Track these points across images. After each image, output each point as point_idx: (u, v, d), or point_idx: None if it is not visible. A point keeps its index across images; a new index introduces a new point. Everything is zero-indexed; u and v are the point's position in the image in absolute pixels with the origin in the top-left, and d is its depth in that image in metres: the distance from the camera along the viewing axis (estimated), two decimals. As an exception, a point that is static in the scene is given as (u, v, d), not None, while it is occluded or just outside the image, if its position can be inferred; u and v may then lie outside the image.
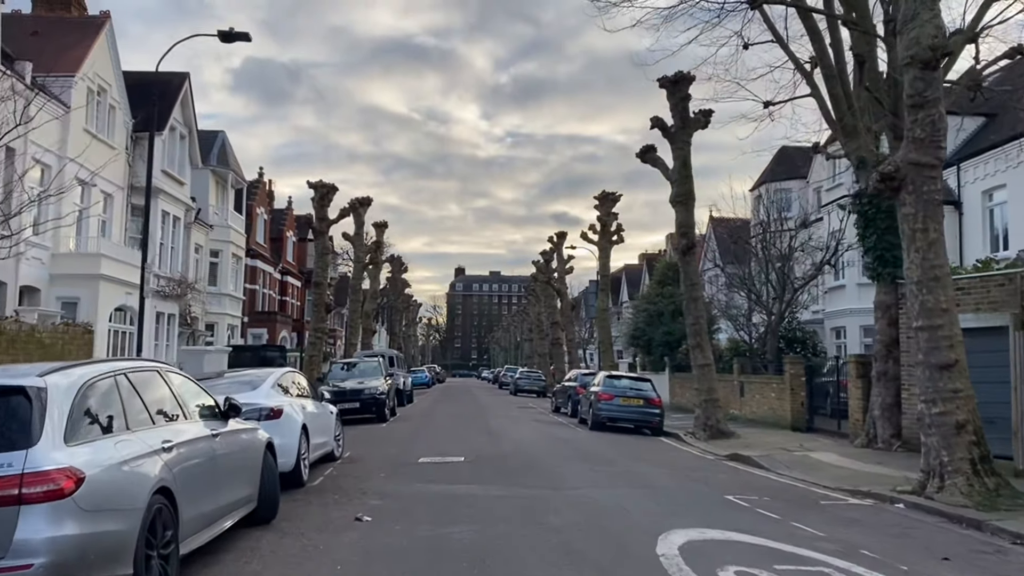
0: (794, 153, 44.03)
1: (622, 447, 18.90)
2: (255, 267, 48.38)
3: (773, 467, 15.84)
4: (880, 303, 17.81)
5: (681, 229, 22.36)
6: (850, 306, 33.37)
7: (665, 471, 14.33)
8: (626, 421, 23.31)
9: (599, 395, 23.39)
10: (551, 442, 19.09)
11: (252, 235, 47.85)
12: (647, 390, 23.70)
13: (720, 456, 17.94)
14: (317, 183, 29.51)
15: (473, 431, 21.44)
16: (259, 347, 35.55)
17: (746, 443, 20.27)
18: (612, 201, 37.10)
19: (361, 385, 25.13)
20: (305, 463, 12.10)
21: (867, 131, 18.52)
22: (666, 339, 35.76)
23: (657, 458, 16.90)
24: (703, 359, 21.97)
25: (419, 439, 19.10)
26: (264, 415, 11.21)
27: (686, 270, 22.34)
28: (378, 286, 48.07)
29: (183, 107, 34.25)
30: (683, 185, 22.41)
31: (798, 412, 22.75)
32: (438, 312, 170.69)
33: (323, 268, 29.63)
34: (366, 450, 16.48)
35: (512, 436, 20.07)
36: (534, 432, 21.90)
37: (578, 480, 12.47)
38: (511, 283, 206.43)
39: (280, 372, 12.85)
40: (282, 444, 11.15)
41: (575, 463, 14.83)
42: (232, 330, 43.52)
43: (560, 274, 47.96)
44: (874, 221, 17.71)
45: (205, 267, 39.58)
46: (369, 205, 40.06)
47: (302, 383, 13.73)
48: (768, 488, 12.65)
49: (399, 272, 63.23)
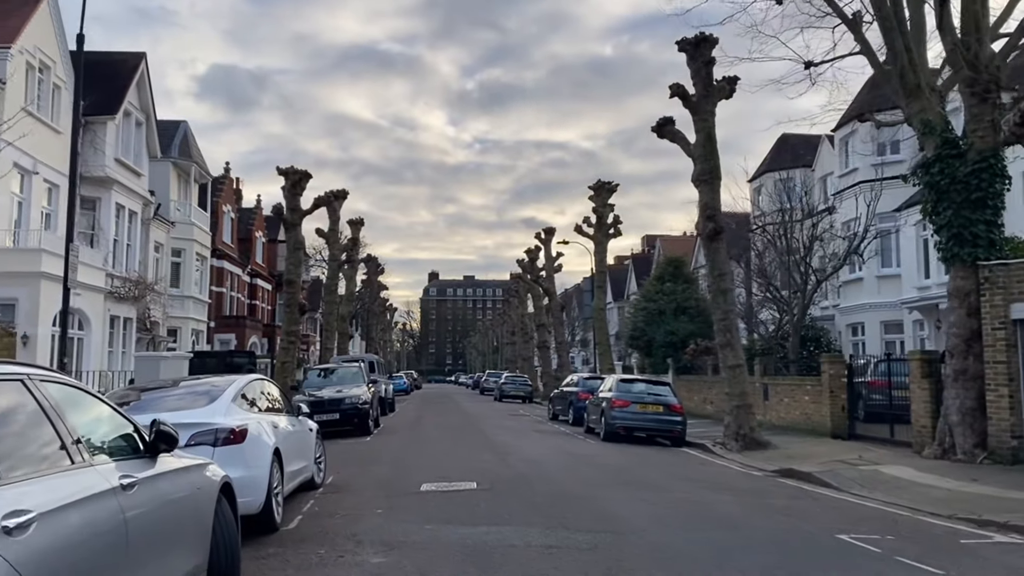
0: (796, 141, 41.67)
1: (654, 464, 16.12)
2: (222, 268, 45.15)
3: (844, 486, 13.15)
4: (957, 290, 15.17)
5: (707, 211, 19.65)
6: (870, 300, 30.94)
7: (729, 497, 11.55)
8: (644, 431, 20.56)
9: (613, 402, 20.62)
10: (569, 459, 16.24)
11: (218, 234, 44.60)
12: (667, 395, 20.98)
13: (769, 472, 15.23)
14: (288, 169, 26.43)
15: (473, 446, 18.56)
16: (225, 353, 32.39)
17: (789, 455, 17.59)
18: (608, 191, 34.31)
19: (341, 394, 22.16)
20: (278, 500, 9.19)
21: (931, 90, 15.93)
22: (669, 339, 33.09)
23: (702, 477, 14.13)
24: (734, 359, 19.26)
25: (413, 457, 16.18)
26: (221, 439, 8.28)
27: (714, 258, 19.63)
28: (354, 288, 44.99)
29: (139, 90, 31.08)
30: (708, 161, 19.72)
31: (838, 417, 20.10)
32: (411, 318, 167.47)
33: (295, 264, 26.56)
34: (353, 473, 13.56)
35: (521, 452, 17.19)
36: (543, 446, 19.05)
37: (637, 517, 9.63)
38: (486, 287, 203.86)
39: (244, 380, 9.89)
40: (247, 478, 8.27)
41: (616, 489, 12.00)
42: (197, 336, 40.31)
43: (548, 272, 45.06)
44: (948, 194, 15.06)
45: (166, 267, 36.38)
46: (344, 199, 37.01)
47: (273, 394, 10.79)
48: (872, 520, 9.91)
49: (375, 274, 60.03)
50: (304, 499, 10.85)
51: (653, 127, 20.82)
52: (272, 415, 10.03)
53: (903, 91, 15.97)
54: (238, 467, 8.24)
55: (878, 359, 20.82)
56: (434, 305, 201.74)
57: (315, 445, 12.06)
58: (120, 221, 29.99)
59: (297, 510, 10.03)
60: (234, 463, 8.21)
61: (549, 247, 44.75)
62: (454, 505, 10.32)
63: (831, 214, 27.06)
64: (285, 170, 26.36)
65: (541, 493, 11.27)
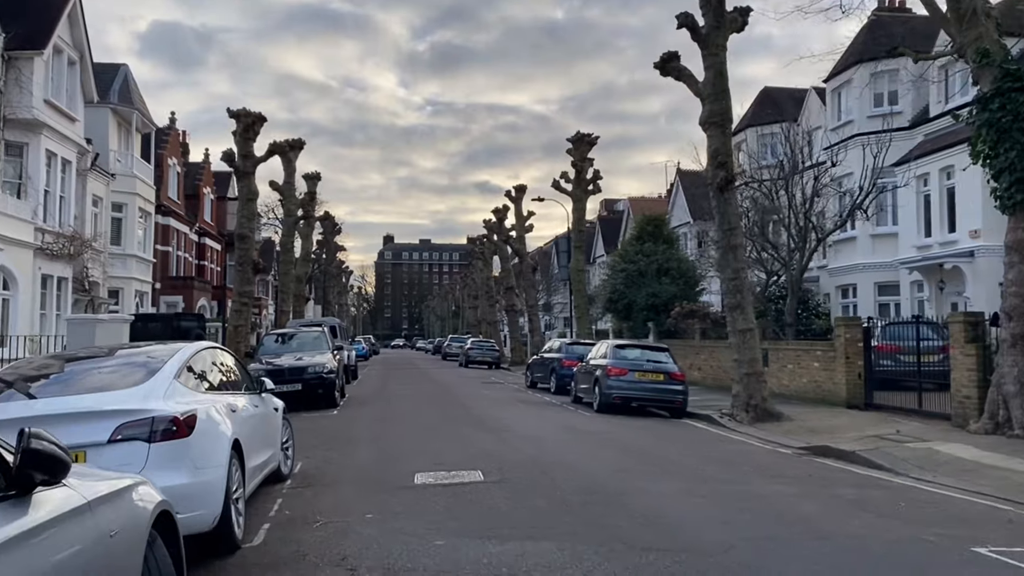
0: (779, 95, 39.84)
1: (670, 440, 14.14)
2: (168, 226, 42.07)
3: (901, 469, 11.29)
4: (1018, 243, 13.31)
5: (718, 158, 17.54)
6: (863, 260, 29.30)
7: (788, 488, 9.57)
8: (643, 401, 18.59)
9: (609, 369, 18.59)
10: (575, 437, 14.16)
11: (163, 189, 41.49)
12: (667, 362, 19.01)
13: (798, 450, 13.34)
14: (240, 111, 23.67)
15: (459, 420, 16.40)
16: (172, 316, 29.74)
17: (809, 428, 15.76)
18: (588, 144, 31.99)
19: (302, 362, 19.80)
20: (239, 507, 6.96)
21: (987, 16, 13.94)
22: (651, 302, 31.15)
23: (731, 457, 12.15)
24: (744, 322, 17.29)
25: (394, 435, 13.98)
26: (159, 432, 5.97)
27: (724, 210, 17.58)
28: (310, 247, 42.25)
29: (72, 25, 27.89)
30: (718, 101, 17.59)
31: (854, 385, 18.32)
32: (366, 282, 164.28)
33: (248, 217, 23.93)
34: (326, 458, 11.33)
35: (516, 428, 15.08)
36: (537, 420, 16.96)
37: (703, 522, 7.57)
38: (443, 251, 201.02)
39: (193, 349, 7.53)
40: (197, 485, 6.06)
41: (650, 478, 9.94)
42: (141, 298, 37.44)
43: (518, 232, 42.69)
44: (1010, 133, 13.14)
45: (106, 223, 33.41)
46: (301, 149, 34.21)
47: (229, 366, 8.46)
48: (985, 521, 7.99)
49: (332, 234, 57.13)
50: (270, 496, 8.63)
51: (656, 63, 18.61)
52: (229, 394, 7.74)
53: (955, 17, 13.96)
54: (184, 471, 6.01)
55: (887, 322, 19.07)
56: (389, 269, 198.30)
57: (282, 428, 9.80)
58: (52, 170, 26.99)
59: (262, 514, 7.80)
60: (178, 465, 5.97)
61: (520, 205, 42.40)
62: (464, 505, 8.17)
63: (834, 166, 25.14)
64: (236, 112, 23.62)
65: (566, 486, 9.16)
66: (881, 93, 29.42)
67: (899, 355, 18.54)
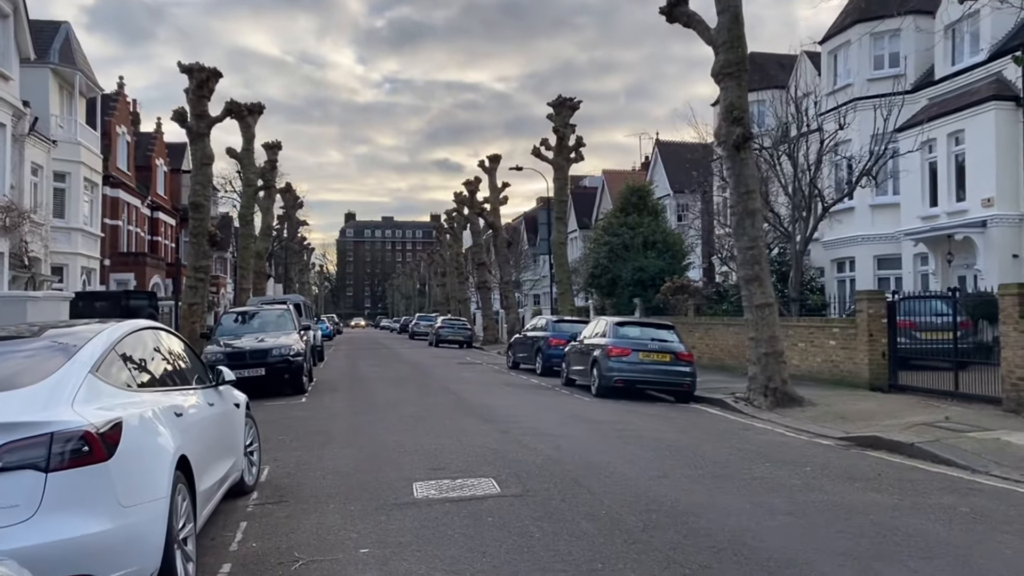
0: (765, 61, 38.14)
1: (697, 432, 12.32)
2: (117, 198, 39.37)
3: (976, 465, 9.62)
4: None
5: (734, 112, 15.69)
6: (861, 232, 27.77)
7: (878, 497, 7.80)
8: (647, 384, 16.80)
9: (609, 349, 16.75)
10: (589, 429, 12.25)
11: (112, 159, 38.75)
12: (673, 341, 17.21)
13: (840, 440, 11.65)
14: (193, 65, 21.22)
15: (448, 409, 14.45)
16: (120, 293, 27.34)
17: (838, 414, 14.08)
18: (571, 109, 29.95)
19: (265, 344, 17.70)
20: (188, 550, 4.99)
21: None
22: (637, 276, 29.36)
23: (774, 452, 10.37)
24: (763, 296, 15.53)
25: (376, 428, 12.00)
26: (64, 456, 3.96)
27: (740, 172, 15.74)
28: (271, 220, 39.81)
29: (2, -28, 25.23)
30: (733, 49, 15.72)
31: (878, 366, 16.70)
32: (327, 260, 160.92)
33: (203, 184, 21.57)
34: (299, 461, 9.35)
35: (517, 419, 13.15)
36: (535, 408, 15.06)
37: (828, 561, 5.74)
38: (406, 228, 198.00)
39: (121, 331, 5.45)
40: (122, 531, 4.06)
41: (707, 486, 8.09)
42: (89, 275, 34.89)
43: (493, 205, 40.50)
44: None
45: (47, 193, 30.78)
46: (260, 113, 31.76)
47: (174, 351, 6.41)
48: None
49: (293, 208, 54.49)
50: (231, 519, 6.66)
51: (662, 8, 16.68)
52: (174, 391, 5.73)
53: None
54: (101, 512, 4.01)
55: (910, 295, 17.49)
56: (351, 247, 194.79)
57: (244, 429, 7.80)
58: (-18, 133, 24.46)
59: (221, 550, 5.84)
60: (92, 504, 3.98)
61: (494, 177, 40.18)
62: (488, 532, 6.25)
63: (841, 129, 23.42)
64: (189, 67, 21.19)
65: (608, 500, 7.28)
66: (882, 55, 27.80)
67: (914, 331, 17.02)
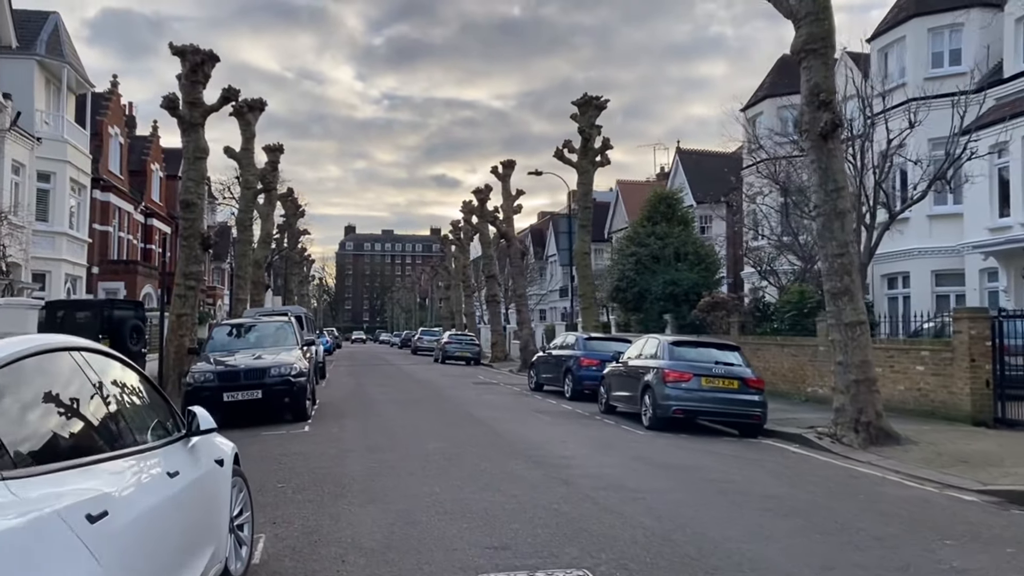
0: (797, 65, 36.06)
1: (799, 481, 9.83)
2: (107, 203, 36.96)
3: None
4: None
5: (819, 95, 13.30)
6: (918, 245, 25.34)
7: None
8: (712, 415, 14.35)
9: (665, 374, 14.27)
10: (675, 479, 9.73)
11: (103, 161, 36.38)
12: (739, 364, 14.72)
13: (982, 495, 9.20)
14: (187, 47, 18.80)
15: (484, 446, 11.91)
16: (102, 303, 24.87)
17: (954, 455, 11.62)
18: (597, 108, 27.49)
19: (263, 361, 15.20)
20: None
21: None
22: (669, 291, 26.91)
23: (937, 521, 7.92)
24: (854, 313, 13.06)
25: (402, 475, 9.48)
26: None
27: (828, 165, 13.32)
28: (271, 228, 37.35)
29: (-21, -53, 22.95)
30: (819, 22, 13.37)
31: (981, 396, 14.25)
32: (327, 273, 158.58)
33: (196, 181, 19.12)
34: (307, 530, 6.85)
35: (577, 462, 10.60)
36: (587, 444, 12.51)
37: None
38: (406, 242, 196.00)
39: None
40: None
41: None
42: (74, 282, 32.46)
43: (506, 214, 37.94)
44: None
45: (29, 194, 28.39)
46: (262, 111, 29.37)
47: (111, 390, 3.92)
48: None
49: (295, 216, 52.01)
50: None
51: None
52: (96, 467, 3.25)
53: None
54: None
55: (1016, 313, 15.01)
56: (351, 260, 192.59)
57: (232, 495, 5.32)
58: (-47, 124, 22.07)
59: None
60: None
61: (508, 183, 37.63)
62: None
63: (912, 127, 21.03)
64: (181, 48, 18.78)
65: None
66: (941, 52, 25.50)
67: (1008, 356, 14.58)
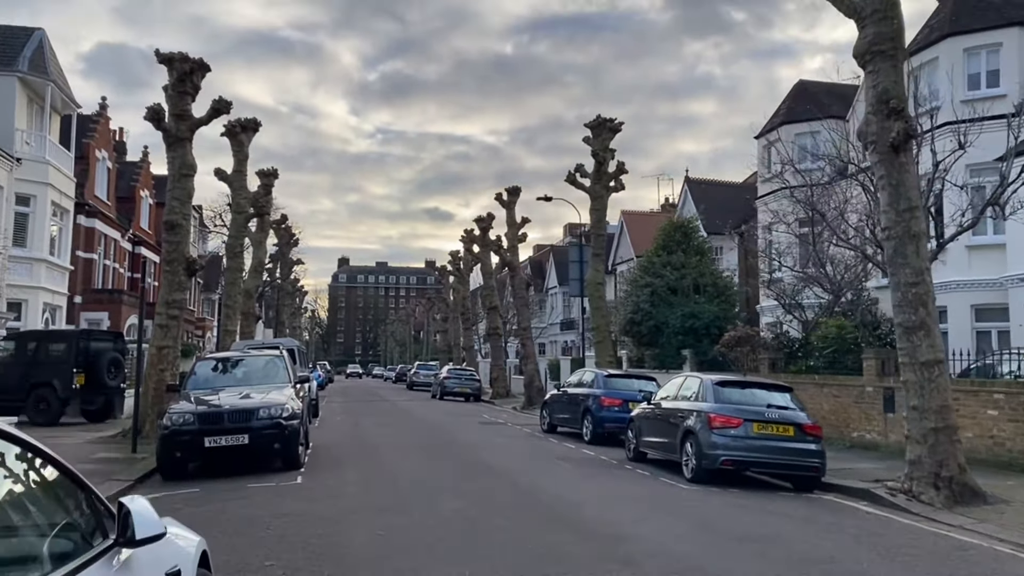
0: (817, 90, 34.54)
1: (896, 558, 8.03)
2: (92, 228, 35.26)
3: None
4: None
5: (889, 102, 11.66)
6: (957, 278, 23.70)
7: None
8: (765, 467, 12.55)
9: (711, 419, 12.48)
10: (754, 557, 7.95)
11: (89, 185, 34.72)
12: (794, 408, 12.94)
13: None
14: (174, 55, 17.19)
15: (511, 505, 10.08)
16: (77, 334, 23.03)
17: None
18: (611, 131, 25.92)
19: (250, 401, 13.33)
20: None
21: None
22: (688, 324, 25.19)
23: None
24: (931, 351, 11.32)
25: (418, 550, 7.65)
26: None
27: (900, 180, 11.67)
28: (263, 256, 35.63)
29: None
30: (887, 20, 11.78)
31: (1071, 447, 12.52)
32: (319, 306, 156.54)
33: (182, 201, 17.39)
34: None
35: (636, 535, 8.76)
36: (638, 507, 10.64)
37: None
38: (399, 274, 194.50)
39: None
40: None
41: None
42: (53, 312, 30.66)
43: (511, 242, 36.27)
44: None
45: (6, 218, 26.71)
46: (256, 131, 27.77)
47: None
48: None
49: (288, 246, 50.28)
50: None
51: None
52: None
53: None
54: None
55: None
56: (344, 292, 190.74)
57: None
58: (-79, 139, 20.41)
59: None
60: None
61: (512, 211, 36.01)
62: None
63: (961, 148, 19.49)
64: (168, 56, 17.17)
65: None
66: (978, 73, 24.08)
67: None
